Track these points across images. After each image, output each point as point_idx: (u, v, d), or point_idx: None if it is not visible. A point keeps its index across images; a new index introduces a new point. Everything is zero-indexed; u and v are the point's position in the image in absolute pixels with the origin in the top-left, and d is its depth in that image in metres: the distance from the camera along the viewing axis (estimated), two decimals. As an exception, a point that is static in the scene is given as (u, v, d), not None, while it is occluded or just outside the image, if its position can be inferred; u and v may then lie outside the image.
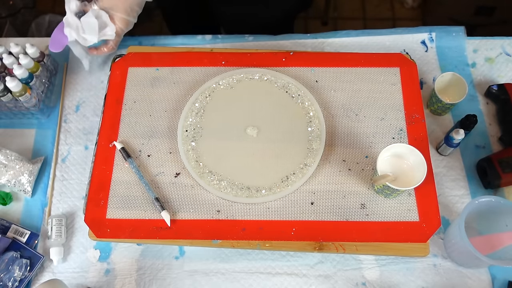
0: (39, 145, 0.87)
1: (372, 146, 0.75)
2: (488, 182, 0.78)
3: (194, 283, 0.75)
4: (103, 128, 0.78)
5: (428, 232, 0.69)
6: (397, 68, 0.81)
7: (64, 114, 0.90)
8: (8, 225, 0.79)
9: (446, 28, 0.94)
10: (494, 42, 0.93)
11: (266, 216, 0.71)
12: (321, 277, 0.75)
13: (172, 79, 0.82)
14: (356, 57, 0.82)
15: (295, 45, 0.95)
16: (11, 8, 1.50)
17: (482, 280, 0.74)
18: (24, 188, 0.82)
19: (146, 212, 0.72)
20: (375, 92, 0.79)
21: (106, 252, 0.78)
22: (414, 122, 0.76)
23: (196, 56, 0.83)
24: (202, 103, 0.79)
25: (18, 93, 0.81)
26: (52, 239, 0.77)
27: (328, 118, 0.78)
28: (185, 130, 0.77)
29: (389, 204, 0.71)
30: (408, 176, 0.68)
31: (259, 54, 0.83)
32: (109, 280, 0.76)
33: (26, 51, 0.85)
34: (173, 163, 0.75)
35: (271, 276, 0.75)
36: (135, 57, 0.84)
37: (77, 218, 0.81)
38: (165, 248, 0.78)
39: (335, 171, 0.74)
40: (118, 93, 0.81)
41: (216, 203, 0.72)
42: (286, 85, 0.80)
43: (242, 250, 0.77)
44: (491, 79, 0.90)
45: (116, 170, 0.75)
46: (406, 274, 0.75)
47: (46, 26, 1.50)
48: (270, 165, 0.74)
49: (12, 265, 0.74)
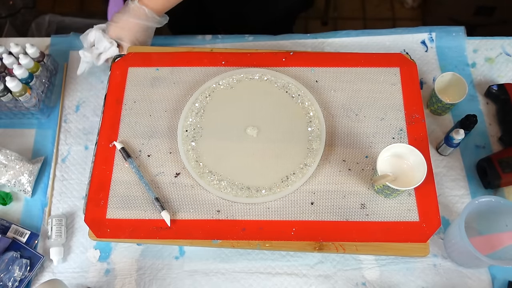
0: (39, 145, 0.87)
1: (372, 146, 0.75)
2: (488, 182, 0.79)
3: (194, 283, 0.75)
4: (103, 128, 0.78)
5: (428, 232, 0.69)
6: (397, 68, 0.81)
7: (64, 114, 0.90)
8: (8, 225, 0.79)
9: (446, 28, 0.94)
10: (494, 42, 0.93)
11: (266, 216, 0.71)
12: (321, 277, 0.75)
13: (172, 79, 0.82)
14: (356, 57, 0.82)
15: (295, 45, 0.95)
16: (11, 8, 1.50)
17: (482, 280, 0.74)
18: (24, 188, 0.82)
19: (146, 212, 0.72)
20: (375, 92, 0.79)
21: (106, 252, 0.78)
22: (414, 122, 0.76)
23: (196, 56, 0.83)
24: (202, 103, 0.79)
25: (18, 93, 0.81)
26: (52, 239, 0.77)
27: (328, 118, 0.78)
28: (185, 130, 0.77)
29: (389, 204, 0.71)
30: (408, 176, 0.68)
31: (259, 54, 0.83)
32: (109, 280, 0.76)
33: (26, 51, 0.85)
34: (173, 163, 0.75)
35: (271, 276, 0.75)
36: (135, 57, 0.84)
37: (77, 218, 0.81)
38: (165, 248, 0.78)
39: (335, 171, 0.74)
40: (118, 93, 0.81)
41: (216, 203, 0.72)
42: (286, 85, 0.80)
43: (242, 250, 0.77)
44: (491, 79, 0.90)
45: (116, 170, 0.75)
46: (406, 274, 0.75)
47: (46, 26, 1.50)
48: (270, 165, 0.74)
49: (12, 265, 0.74)
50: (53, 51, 0.96)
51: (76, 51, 0.95)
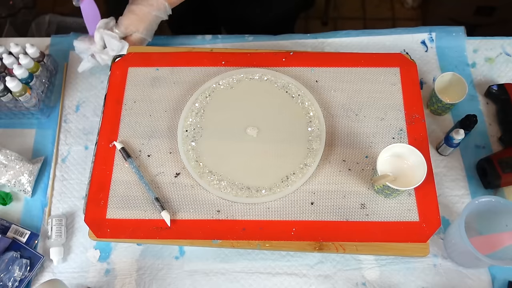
0: (39, 145, 0.87)
1: (372, 146, 0.75)
2: (488, 182, 0.79)
3: (194, 283, 0.75)
4: (103, 128, 0.78)
5: (428, 232, 0.69)
6: (397, 68, 0.81)
7: (64, 114, 0.90)
8: (8, 225, 0.79)
9: (446, 28, 0.94)
10: (494, 42, 0.93)
11: (266, 216, 0.71)
12: (321, 277, 0.75)
13: (172, 79, 0.82)
14: (356, 57, 0.82)
15: (295, 45, 0.95)
16: (11, 8, 1.50)
17: (482, 280, 0.74)
18: (24, 188, 0.82)
19: (146, 212, 0.72)
20: (375, 92, 0.79)
21: (106, 252, 0.78)
22: (414, 122, 0.76)
23: (196, 56, 0.83)
24: (202, 103, 0.79)
25: (18, 93, 0.81)
26: (52, 239, 0.77)
27: (328, 118, 0.78)
28: (185, 130, 0.77)
29: (389, 204, 0.71)
30: (408, 176, 0.68)
31: (259, 54, 0.83)
32: (109, 280, 0.76)
33: (26, 51, 0.85)
34: (173, 163, 0.75)
35: (271, 276, 0.75)
36: (135, 57, 0.84)
37: (77, 218, 0.81)
38: (165, 248, 0.78)
39: (335, 171, 0.74)
40: (118, 93, 0.81)
41: (216, 203, 0.72)
42: (286, 85, 0.80)
43: (242, 250, 0.77)
44: (491, 79, 0.90)
45: (116, 170, 0.75)
46: (406, 274, 0.75)
47: (46, 26, 1.50)
48: (270, 165, 0.74)
49: (12, 265, 0.74)
50: (53, 51, 0.96)
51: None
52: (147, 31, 0.86)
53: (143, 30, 0.86)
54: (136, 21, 0.84)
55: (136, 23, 0.85)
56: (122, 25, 0.85)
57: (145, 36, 0.87)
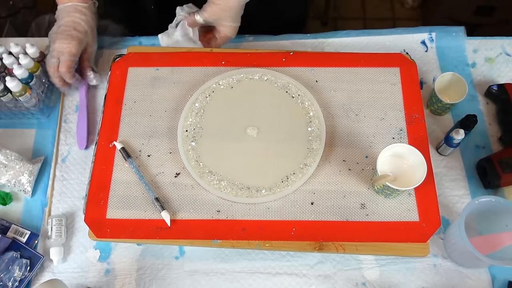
0: (39, 145, 0.87)
1: (372, 146, 0.75)
2: (488, 182, 0.79)
3: (194, 283, 0.75)
4: (103, 128, 0.78)
5: (428, 232, 0.69)
6: (397, 68, 0.81)
7: (64, 114, 0.90)
8: (8, 225, 0.79)
9: (446, 28, 0.94)
10: (494, 42, 0.93)
11: (266, 216, 0.71)
12: (321, 277, 0.75)
13: (172, 79, 0.82)
14: (356, 57, 0.82)
15: (295, 45, 0.95)
16: (11, 8, 1.50)
17: (482, 280, 0.74)
18: (24, 188, 0.82)
19: (146, 212, 0.72)
20: (375, 92, 0.79)
21: (106, 252, 0.78)
22: (414, 122, 0.76)
23: (196, 56, 0.83)
24: (202, 103, 0.79)
25: (18, 93, 0.81)
26: (52, 239, 0.77)
27: (328, 118, 0.78)
28: (185, 130, 0.77)
29: (389, 204, 0.71)
30: (408, 176, 0.68)
31: (259, 54, 0.83)
32: (109, 280, 0.76)
33: (26, 51, 0.85)
34: (173, 163, 0.75)
35: (271, 276, 0.75)
36: (135, 57, 0.84)
37: (77, 218, 0.81)
38: (165, 248, 0.78)
39: (335, 171, 0.74)
40: (118, 93, 0.81)
41: (216, 203, 0.72)
42: (286, 85, 0.80)
43: (242, 250, 0.77)
44: (491, 79, 0.90)
45: (116, 170, 0.75)
46: (406, 274, 0.75)
47: (46, 26, 1.50)
48: (270, 165, 0.74)
49: (12, 265, 0.74)
50: (53, 51, 0.96)
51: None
52: (235, 20, 0.82)
53: (230, 20, 0.82)
54: (219, 11, 0.81)
55: (219, 13, 0.81)
56: (204, 13, 0.82)
57: (233, 24, 0.83)
